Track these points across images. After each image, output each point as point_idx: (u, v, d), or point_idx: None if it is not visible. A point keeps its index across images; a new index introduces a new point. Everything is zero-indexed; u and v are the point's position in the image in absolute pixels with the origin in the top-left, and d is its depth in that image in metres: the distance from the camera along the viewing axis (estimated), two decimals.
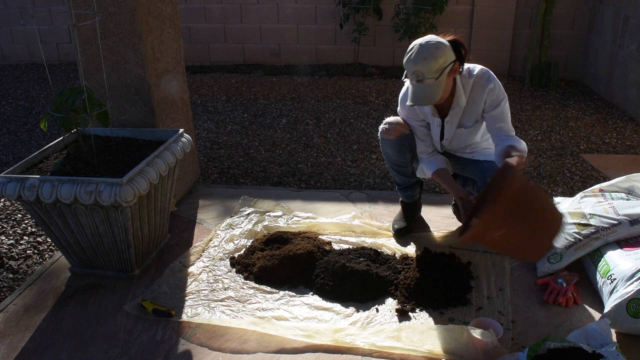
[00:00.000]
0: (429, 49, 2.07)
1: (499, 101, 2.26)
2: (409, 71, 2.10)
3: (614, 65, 4.73)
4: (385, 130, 2.43)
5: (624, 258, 2.04)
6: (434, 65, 2.07)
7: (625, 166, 3.48)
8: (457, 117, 2.35)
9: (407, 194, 2.63)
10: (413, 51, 2.09)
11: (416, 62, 2.07)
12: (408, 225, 2.61)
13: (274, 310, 2.10)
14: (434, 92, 2.12)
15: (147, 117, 2.68)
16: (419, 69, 2.07)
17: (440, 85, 2.13)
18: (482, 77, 2.26)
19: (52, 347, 1.96)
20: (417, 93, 2.13)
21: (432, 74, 2.08)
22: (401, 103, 2.42)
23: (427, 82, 2.09)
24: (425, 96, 2.13)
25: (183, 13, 5.71)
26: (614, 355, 1.64)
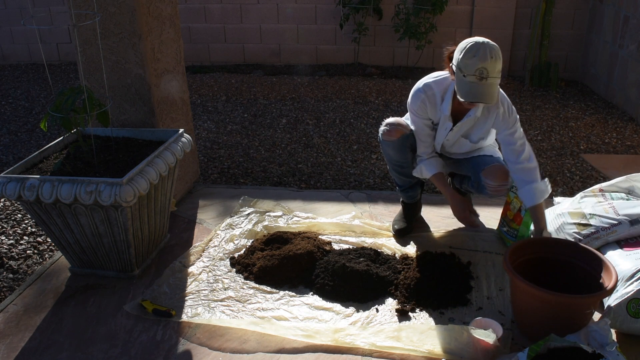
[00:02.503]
0: (494, 49, 2.09)
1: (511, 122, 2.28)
2: (473, 67, 2.07)
3: (614, 65, 4.73)
4: (387, 132, 2.42)
5: (624, 258, 2.04)
6: (499, 66, 2.10)
7: (625, 166, 3.48)
8: (467, 127, 2.36)
9: (409, 194, 2.63)
10: (478, 48, 2.07)
11: (484, 60, 2.06)
12: (408, 225, 2.61)
13: (274, 310, 2.10)
14: (495, 91, 2.13)
15: (147, 117, 2.68)
16: (486, 66, 2.06)
17: (498, 85, 2.14)
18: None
19: (52, 347, 1.96)
20: (480, 90, 2.10)
21: (496, 74, 2.09)
22: (414, 100, 2.37)
23: (490, 80, 2.08)
24: (488, 94, 2.11)
25: (183, 13, 5.71)
26: (614, 355, 1.64)
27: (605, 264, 1.92)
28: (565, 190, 3.23)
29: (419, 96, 2.35)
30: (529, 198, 2.26)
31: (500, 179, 2.32)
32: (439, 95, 2.33)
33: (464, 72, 2.10)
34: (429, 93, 2.33)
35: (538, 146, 3.88)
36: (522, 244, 2.07)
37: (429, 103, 2.34)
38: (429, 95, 2.33)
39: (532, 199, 2.25)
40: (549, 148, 3.84)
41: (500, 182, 2.32)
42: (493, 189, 2.34)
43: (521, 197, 2.30)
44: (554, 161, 3.63)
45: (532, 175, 2.26)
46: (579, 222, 2.27)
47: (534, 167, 2.28)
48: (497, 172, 2.32)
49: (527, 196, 2.27)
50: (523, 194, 2.28)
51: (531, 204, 2.26)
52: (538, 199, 2.25)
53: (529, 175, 2.26)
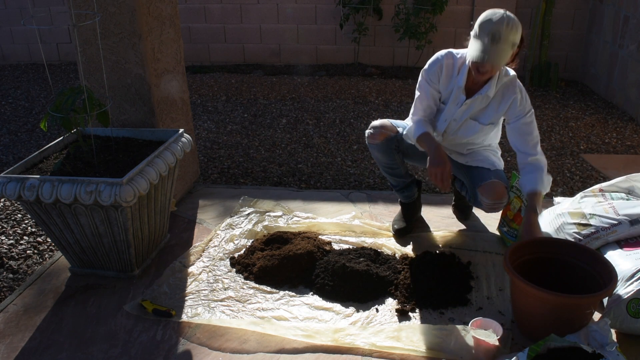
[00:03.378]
0: (514, 20, 2.08)
1: (525, 112, 2.26)
2: (487, 29, 2.06)
3: (614, 65, 4.73)
4: (371, 135, 2.44)
5: (624, 258, 2.04)
6: (514, 35, 2.08)
7: (625, 166, 3.48)
8: (479, 106, 2.31)
9: (405, 194, 2.63)
10: (497, 15, 2.07)
11: (500, 24, 2.04)
12: (407, 225, 2.61)
13: (274, 310, 2.10)
14: (502, 57, 2.10)
15: (147, 117, 2.68)
16: (500, 30, 2.04)
17: (508, 56, 2.12)
18: (514, 82, 2.27)
19: (52, 347, 1.96)
20: (487, 50, 2.07)
21: (508, 41, 2.07)
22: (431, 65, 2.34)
23: (500, 46, 2.06)
24: (494, 57, 2.08)
25: (183, 13, 5.71)
26: (614, 355, 1.64)
27: (605, 264, 1.92)
28: (565, 190, 3.23)
29: (438, 61, 2.33)
30: (532, 182, 2.21)
31: (497, 197, 2.29)
32: (457, 67, 2.31)
33: (478, 33, 2.10)
34: (449, 61, 2.31)
35: None
36: (522, 244, 2.07)
37: (446, 70, 2.31)
38: (447, 63, 2.31)
39: (535, 185, 2.20)
40: (549, 148, 3.84)
41: (497, 200, 2.29)
42: (489, 206, 2.32)
43: (523, 183, 2.25)
44: (554, 161, 3.63)
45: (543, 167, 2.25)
46: (579, 222, 2.27)
47: (545, 162, 2.27)
48: (494, 189, 2.29)
49: (530, 181, 2.22)
50: (527, 179, 2.23)
51: (532, 189, 2.20)
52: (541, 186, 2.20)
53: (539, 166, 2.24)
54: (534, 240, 2.13)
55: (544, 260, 2.07)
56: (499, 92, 2.29)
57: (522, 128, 2.27)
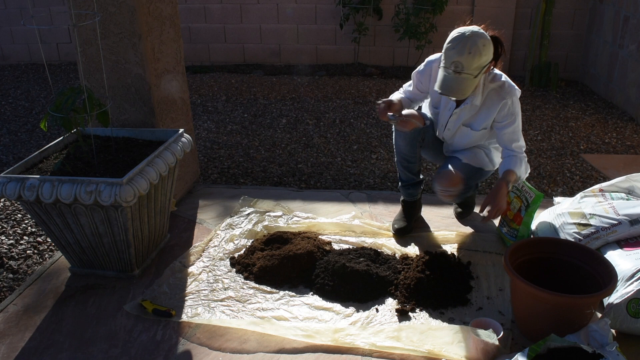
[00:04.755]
0: (477, 44, 2.06)
1: (511, 119, 2.28)
2: (450, 59, 2.08)
3: (614, 65, 4.73)
4: (402, 122, 2.39)
5: (624, 258, 2.04)
6: (477, 62, 2.07)
7: (625, 166, 3.48)
8: (468, 114, 2.34)
9: (409, 192, 2.63)
10: (459, 40, 2.06)
11: (461, 53, 2.04)
12: (408, 224, 2.61)
13: (274, 310, 2.10)
14: (467, 87, 2.11)
15: (147, 117, 2.68)
16: (461, 60, 2.05)
17: (475, 82, 2.13)
18: (501, 89, 2.26)
19: (52, 347, 1.96)
20: (450, 83, 2.10)
21: (471, 70, 2.07)
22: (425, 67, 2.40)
23: (464, 75, 2.07)
24: (457, 89, 2.11)
25: (183, 13, 5.71)
26: (614, 355, 1.64)
27: (605, 264, 1.92)
28: (565, 190, 3.23)
29: (430, 64, 2.38)
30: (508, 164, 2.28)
31: (444, 184, 2.32)
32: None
33: (444, 61, 2.12)
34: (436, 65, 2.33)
35: (538, 146, 3.88)
36: (522, 244, 2.07)
37: (435, 75, 2.34)
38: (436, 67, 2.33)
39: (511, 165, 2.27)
40: (549, 148, 3.84)
41: (445, 186, 2.32)
42: (439, 192, 2.37)
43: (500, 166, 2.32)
44: (554, 161, 3.63)
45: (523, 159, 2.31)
46: (579, 222, 2.27)
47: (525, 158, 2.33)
48: (444, 176, 2.32)
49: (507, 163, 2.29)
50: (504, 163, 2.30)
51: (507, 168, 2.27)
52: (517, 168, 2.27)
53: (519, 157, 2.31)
54: (533, 240, 2.13)
55: (544, 260, 2.07)
56: (487, 98, 2.29)
57: (508, 133, 2.30)
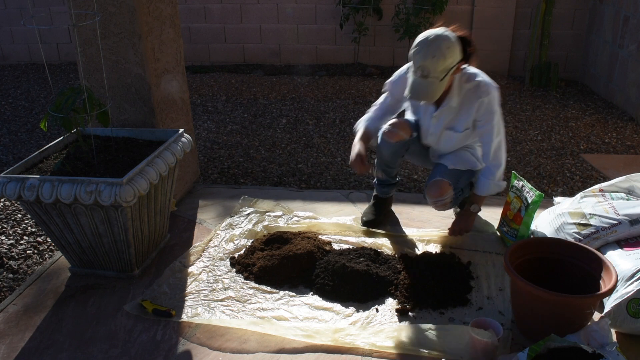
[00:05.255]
0: (440, 47, 2.05)
1: (490, 117, 2.27)
2: (415, 64, 2.09)
3: (614, 65, 4.73)
4: (389, 132, 2.42)
5: (624, 258, 2.04)
6: (442, 65, 2.06)
7: (625, 166, 3.48)
8: (447, 117, 2.35)
9: (384, 190, 2.69)
10: (423, 45, 2.07)
11: (425, 58, 2.05)
12: (377, 218, 2.66)
13: (274, 310, 2.10)
14: (435, 90, 2.12)
15: (147, 117, 2.68)
16: (426, 64, 2.05)
17: (443, 85, 2.13)
18: (477, 88, 2.25)
19: (52, 347, 1.96)
20: (418, 87, 2.12)
21: (437, 73, 2.07)
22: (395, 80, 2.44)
23: (430, 79, 2.08)
24: (425, 93, 2.13)
25: (183, 13, 5.71)
26: (614, 355, 1.64)
27: (605, 264, 1.92)
28: (565, 190, 3.23)
29: (402, 75, 2.39)
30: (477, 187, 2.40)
31: (434, 194, 2.35)
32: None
33: (412, 67, 2.14)
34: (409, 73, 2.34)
35: (538, 146, 3.88)
36: (522, 244, 2.07)
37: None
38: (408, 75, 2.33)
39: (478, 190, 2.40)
40: (549, 148, 3.84)
41: (434, 197, 2.36)
42: (432, 204, 2.42)
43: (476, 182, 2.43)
44: (554, 161, 3.63)
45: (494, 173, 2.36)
46: (579, 222, 2.27)
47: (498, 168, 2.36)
48: (433, 187, 2.35)
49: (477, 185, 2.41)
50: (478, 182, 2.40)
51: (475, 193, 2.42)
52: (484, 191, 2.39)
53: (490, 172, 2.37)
54: (533, 240, 2.13)
55: (544, 260, 2.07)
56: (464, 98, 2.29)
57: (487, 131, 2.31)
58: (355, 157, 2.38)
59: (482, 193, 2.40)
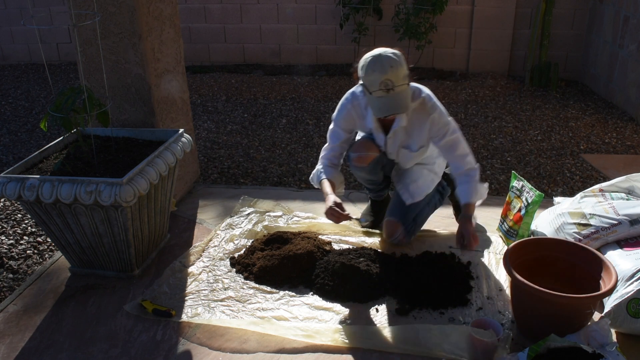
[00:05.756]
0: (391, 57, 2.06)
1: (445, 130, 2.26)
2: (376, 82, 2.05)
3: (614, 65, 4.73)
4: (357, 159, 2.40)
5: (624, 258, 2.04)
6: (401, 72, 2.06)
7: (625, 166, 3.48)
8: (400, 137, 2.34)
9: (378, 194, 2.70)
10: (375, 62, 2.06)
11: (384, 71, 2.04)
12: (375, 219, 2.67)
13: (274, 310, 2.10)
14: (406, 98, 2.11)
15: (147, 117, 2.68)
16: (388, 77, 2.03)
17: (409, 91, 2.13)
18: (424, 104, 2.24)
19: (52, 347, 1.96)
20: (390, 102, 2.08)
21: (401, 81, 2.06)
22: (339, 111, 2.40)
23: (397, 89, 2.06)
24: (399, 104, 2.09)
25: (183, 13, 5.70)
26: (614, 355, 1.64)
27: (605, 264, 1.92)
28: (565, 190, 3.23)
29: (344, 107, 2.37)
30: (466, 195, 2.26)
31: (387, 235, 2.47)
32: (363, 106, 2.33)
33: (370, 90, 2.09)
34: (355, 103, 2.34)
35: (538, 146, 3.88)
36: (522, 244, 2.08)
37: (355, 113, 2.35)
38: (354, 105, 2.34)
39: (468, 197, 2.25)
40: (549, 148, 3.84)
41: (388, 237, 2.47)
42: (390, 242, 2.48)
43: (458, 194, 2.30)
44: (554, 161, 3.63)
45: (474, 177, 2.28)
46: (579, 222, 2.27)
47: (477, 171, 2.29)
48: (386, 229, 2.46)
49: (463, 193, 2.27)
50: (460, 191, 2.28)
51: (466, 201, 2.25)
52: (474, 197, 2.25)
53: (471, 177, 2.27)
54: (533, 240, 2.13)
55: (544, 260, 2.07)
56: (414, 117, 2.28)
57: (448, 144, 2.28)
58: (328, 209, 2.25)
59: (469, 200, 2.25)
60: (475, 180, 2.27)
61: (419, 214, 2.50)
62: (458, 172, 2.30)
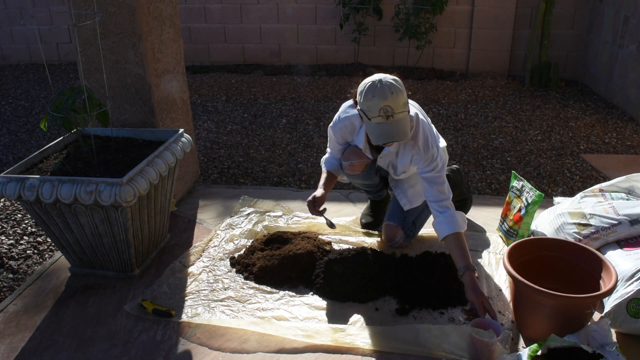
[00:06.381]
0: (392, 85, 2.01)
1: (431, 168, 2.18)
2: (375, 108, 2.00)
3: (614, 65, 4.73)
4: (350, 167, 2.39)
5: (624, 258, 2.04)
6: (402, 99, 2.01)
7: (625, 166, 3.48)
8: (389, 159, 2.35)
9: (376, 195, 2.70)
10: (375, 87, 2.02)
11: (385, 97, 1.98)
12: (375, 219, 2.68)
13: (274, 310, 2.10)
14: (405, 126, 2.05)
15: (147, 117, 2.68)
16: (388, 103, 1.98)
17: (408, 119, 2.07)
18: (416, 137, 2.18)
19: (52, 347, 1.96)
20: (389, 129, 2.02)
21: (401, 108, 2.01)
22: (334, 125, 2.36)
23: (397, 116, 2.00)
24: (398, 131, 2.03)
25: (183, 13, 5.71)
26: (614, 355, 1.64)
27: (605, 264, 1.93)
28: (565, 190, 3.23)
29: (337, 125, 2.35)
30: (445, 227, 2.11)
31: (387, 240, 2.48)
32: (357, 127, 2.32)
33: (368, 115, 2.04)
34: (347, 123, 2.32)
35: (538, 146, 3.88)
36: (522, 243, 2.08)
37: (348, 134, 2.36)
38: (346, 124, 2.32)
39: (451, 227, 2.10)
40: (549, 148, 3.84)
41: (388, 241, 2.49)
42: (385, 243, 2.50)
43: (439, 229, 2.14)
44: (554, 161, 3.63)
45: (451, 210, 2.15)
46: (579, 222, 2.27)
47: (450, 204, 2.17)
48: (386, 232, 2.48)
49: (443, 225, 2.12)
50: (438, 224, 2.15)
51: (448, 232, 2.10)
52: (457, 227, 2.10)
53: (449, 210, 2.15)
54: (533, 240, 2.13)
55: (544, 260, 2.07)
56: (400, 146, 2.27)
57: (428, 177, 2.19)
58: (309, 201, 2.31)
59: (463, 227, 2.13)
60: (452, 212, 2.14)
61: (417, 217, 2.50)
62: (432, 200, 2.18)
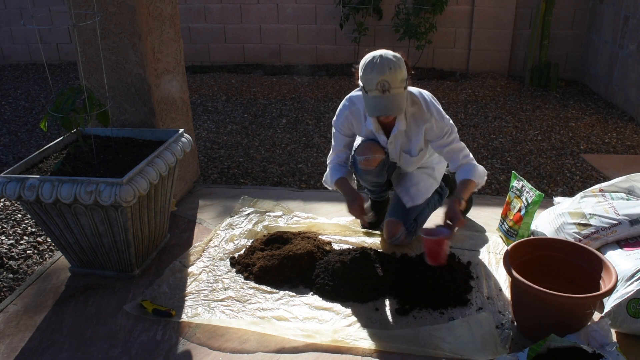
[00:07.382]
0: (392, 60, 2.08)
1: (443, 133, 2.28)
2: (373, 82, 2.07)
3: (614, 65, 4.73)
4: (366, 162, 2.39)
5: (624, 258, 2.04)
6: (400, 75, 2.08)
7: (625, 166, 3.48)
8: (400, 141, 2.36)
9: (379, 195, 2.70)
10: (374, 62, 2.07)
11: (382, 72, 2.05)
12: (376, 220, 2.67)
13: (274, 310, 2.10)
14: (401, 101, 2.12)
15: (147, 117, 2.68)
16: (385, 78, 2.05)
17: (405, 95, 2.14)
18: (420, 111, 2.27)
19: (52, 347, 1.96)
20: (385, 103, 2.10)
21: (398, 84, 2.08)
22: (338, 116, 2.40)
23: (393, 91, 2.08)
24: (393, 105, 2.11)
25: (183, 13, 5.71)
26: (614, 355, 1.64)
27: (605, 264, 1.93)
28: (565, 190, 3.23)
29: (342, 112, 2.38)
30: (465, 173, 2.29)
31: (388, 236, 2.47)
32: (362, 111, 2.34)
33: (366, 89, 2.11)
34: (353, 109, 2.35)
35: (538, 146, 3.88)
36: (522, 243, 2.08)
37: (354, 118, 2.37)
38: (352, 110, 2.35)
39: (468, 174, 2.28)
40: (549, 148, 3.84)
41: (388, 238, 2.48)
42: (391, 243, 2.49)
43: (457, 176, 2.33)
44: (554, 161, 3.63)
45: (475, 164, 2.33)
46: (579, 222, 2.27)
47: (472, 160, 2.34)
48: (387, 229, 2.47)
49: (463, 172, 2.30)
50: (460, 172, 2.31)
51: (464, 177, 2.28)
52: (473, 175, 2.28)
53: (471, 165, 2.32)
54: (533, 240, 2.13)
55: (544, 260, 2.07)
56: (411, 122, 2.30)
57: (445, 144, 2.30)
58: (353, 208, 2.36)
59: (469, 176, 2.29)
60: (475, 165, 2.32)
61: (419, 214, 2.51)
62: (456, 165, 2.34)
